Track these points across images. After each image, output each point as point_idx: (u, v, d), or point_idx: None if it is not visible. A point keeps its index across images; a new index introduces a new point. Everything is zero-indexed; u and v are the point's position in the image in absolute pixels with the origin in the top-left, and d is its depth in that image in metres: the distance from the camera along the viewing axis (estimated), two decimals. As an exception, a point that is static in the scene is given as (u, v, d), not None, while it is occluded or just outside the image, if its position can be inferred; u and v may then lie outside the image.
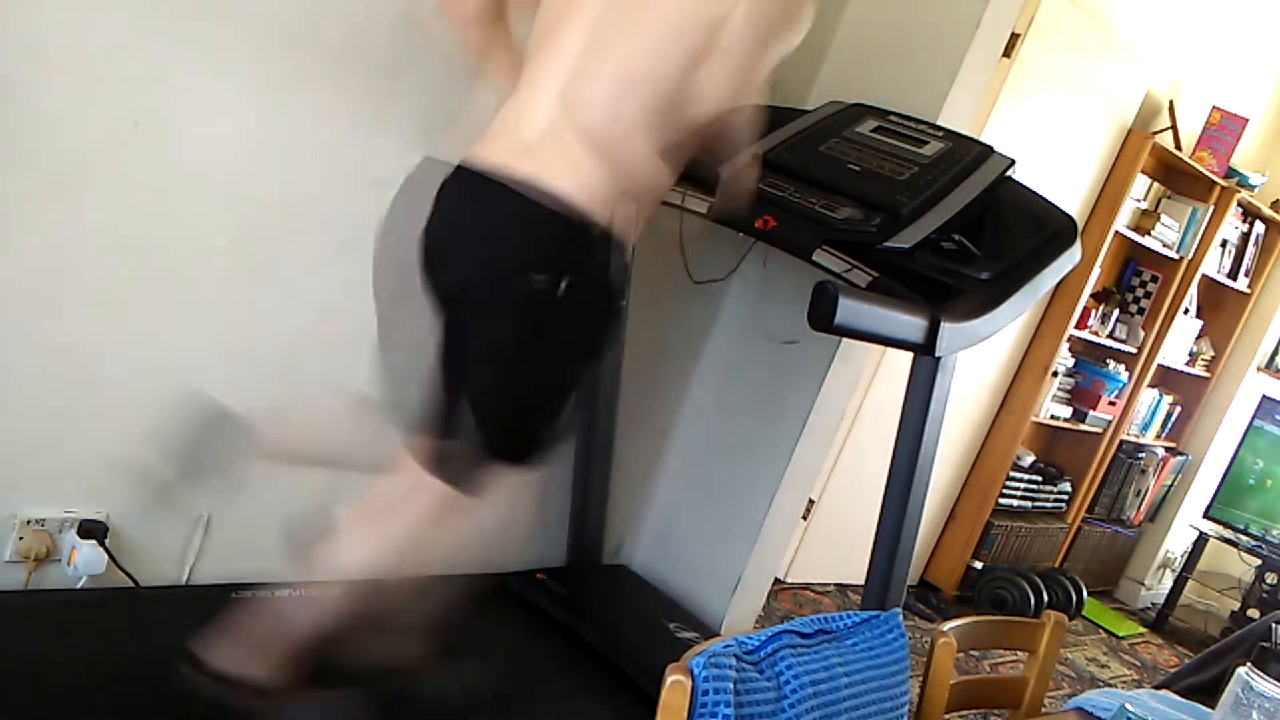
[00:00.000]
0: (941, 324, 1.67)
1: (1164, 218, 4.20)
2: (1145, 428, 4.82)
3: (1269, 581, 4.54)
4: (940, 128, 2.21)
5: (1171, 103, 4.05)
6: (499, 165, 1.53)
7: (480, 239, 1.56)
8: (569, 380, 1.68)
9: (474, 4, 1.66)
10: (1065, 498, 4.48)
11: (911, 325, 1.66)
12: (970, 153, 2.09)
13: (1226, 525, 4.72)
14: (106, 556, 1.86)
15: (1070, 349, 4.23)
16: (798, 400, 2.55)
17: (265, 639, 1.60)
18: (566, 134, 1.52)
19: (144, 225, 1.77)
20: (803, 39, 1.63)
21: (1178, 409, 4.97)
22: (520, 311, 1.54)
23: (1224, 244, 4.63)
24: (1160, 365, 4.57)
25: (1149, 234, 4.16)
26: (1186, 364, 4.81)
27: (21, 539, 1.81)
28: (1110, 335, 4.30)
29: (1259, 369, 5.00)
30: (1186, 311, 4.63)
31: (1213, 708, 1.25)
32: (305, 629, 1.61)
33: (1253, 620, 4.11)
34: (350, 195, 1.96)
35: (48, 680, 1.59)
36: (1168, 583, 4.98)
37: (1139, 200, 4.19)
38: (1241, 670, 1.17)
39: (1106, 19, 3.60)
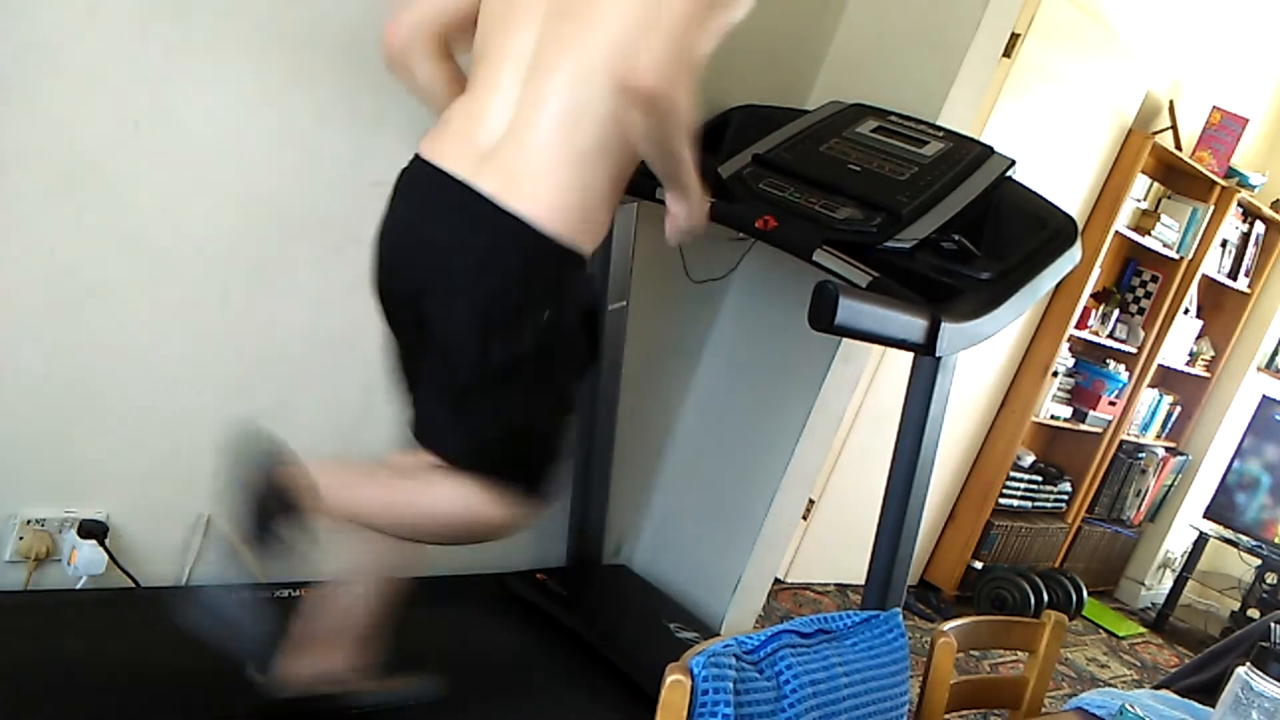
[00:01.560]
0: (942, 324, 1.66)
1: (1164, 218, 4.20)
2: (1145, 428, 4.82)
3: (1269, 581, 4.54)
4: (940, 128, 2.21)
5: (1171, 103, 4.05)
6: (462, 175, 1.48)
7: (437, 258, 1.51)
8: (559, 405, 1.65)
9: (405, 37, 1.63)
10: (1065, 498, 4.48)
11: (912, 325, 1.66)
12: (970, 153, 2.09)
13: (1226, 525, 4.72)
14: (106, 556, 1.86)
15: (1070, 349, 4.23)
16: (798, 400, 2.55)
17: (332, 634, 1.64)
18: (528, 141, 1.47)
19: (144, 225, 1.77)
20: (745, 15, 1.53)
21: (1178, 409, 4.97)
22: (501, 346, 1.50)
23: (1224, 244, 4.63)
24: (1160, 365, 4.57)
25: (1149, 234, 4.16)
26: (1186, 364, 4.81)
27: (21, 539, 1.81)
28: (1110, 335, 4.30)
29: (1259, 369, 5.00)
30: (1186, 311, 4.63)
31: (1213, 707, 1.25)
32: (366, 615, 1.64)
33: (1253, 620, 4.10)
34: (350, 195, 1.96)
35: (48, 680, 1.59)
36: (1168, 583, 4.98)
37: (1139, 200, 4.19)
38: (1241, 670, 1.17)
39: (1106, 19, 3.60)
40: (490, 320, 1.49)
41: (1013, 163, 2.07)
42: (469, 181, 1.48)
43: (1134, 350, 4.41)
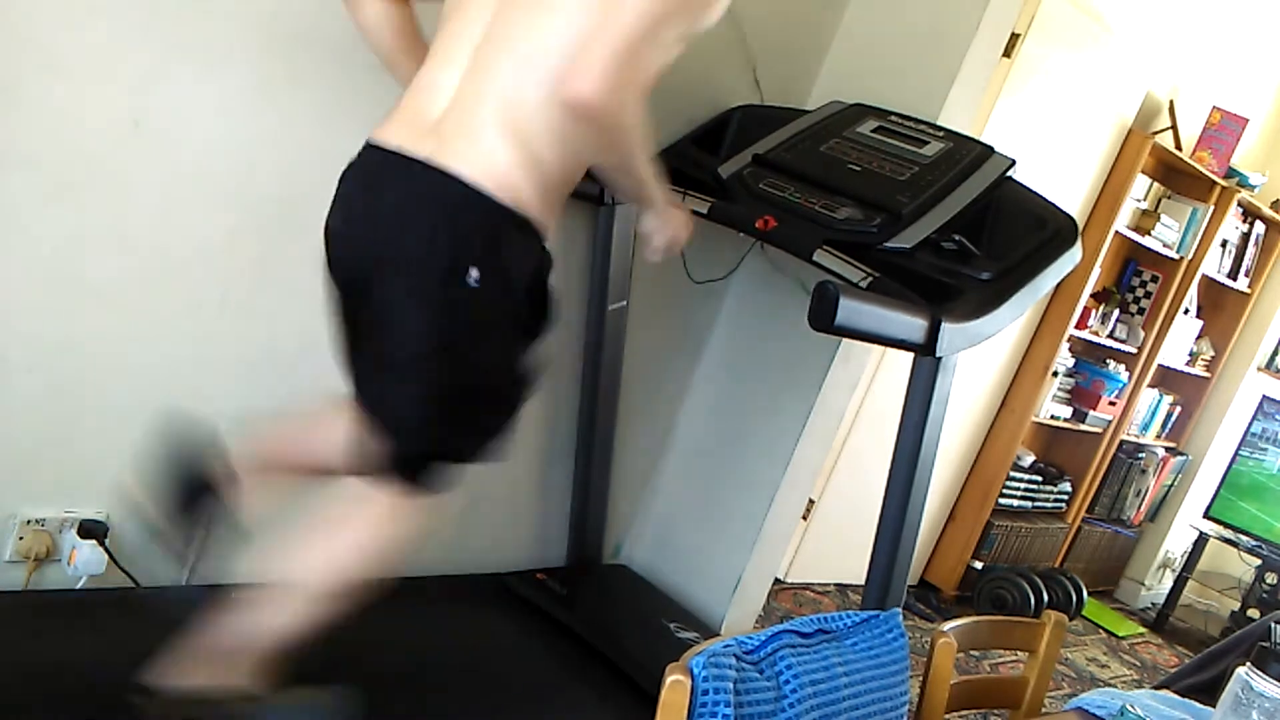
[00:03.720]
0: (942, 324, 1.67)
1: (1164, 218, 4.20)
2: (1145, 428, 4.82)
3: (1269, 581, 4.54)
4: (940, 128, 2.21)
5: (1171, 103, 4.05)
6: (398, 146, 1.45)
7: (375, 228, 1.47)
8: (500, 371, 1.57)
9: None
10: (1065, 498, 4.48)
11: (912, 325, 1.66)
12: (970, 153, 2.09)
13: (1226, 525, 4.72)
14: (106, 556, 1.86)
15: (1070, 349, 4.23)
16: (798, 400, 2.55)
17: (232, 649, 1.52)
18: (471, 109, 1.42)
19: (144, 225, 1.77)
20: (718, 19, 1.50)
21: (1178, 409, 4.97)
22: (425, 307, 1.45)
23: (1224, 244, 4.63)
24: (1160, 365, 4.57)
25: (1149, 234, 4.16)
26: (1186, 364, 4.81)
27: (21, 539, 1.81)
28: (1110, 335, 4.30)
29: (1259, 369, 5.00)
30: (1186, 311, 4.63)
31: (1213, 707, 1.25)
32: (270, 634, 1.52)
33: (1253, 620, 4.11)
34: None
35: (48, 680, 1.59)
36: (1168, 583, 4.98)
37: (1139, 200, 4.19)
38: (1241, 670, 1.17)
39: (1106, 19, 3.60)
40: (424, 276, 1.44)
41: (1013, 162, 2.07)
42: (407, 150, 1.44)
43: (1134, 350, 4.41)
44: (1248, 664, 1.17)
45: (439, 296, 1.44)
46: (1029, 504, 4.32)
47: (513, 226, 1.44)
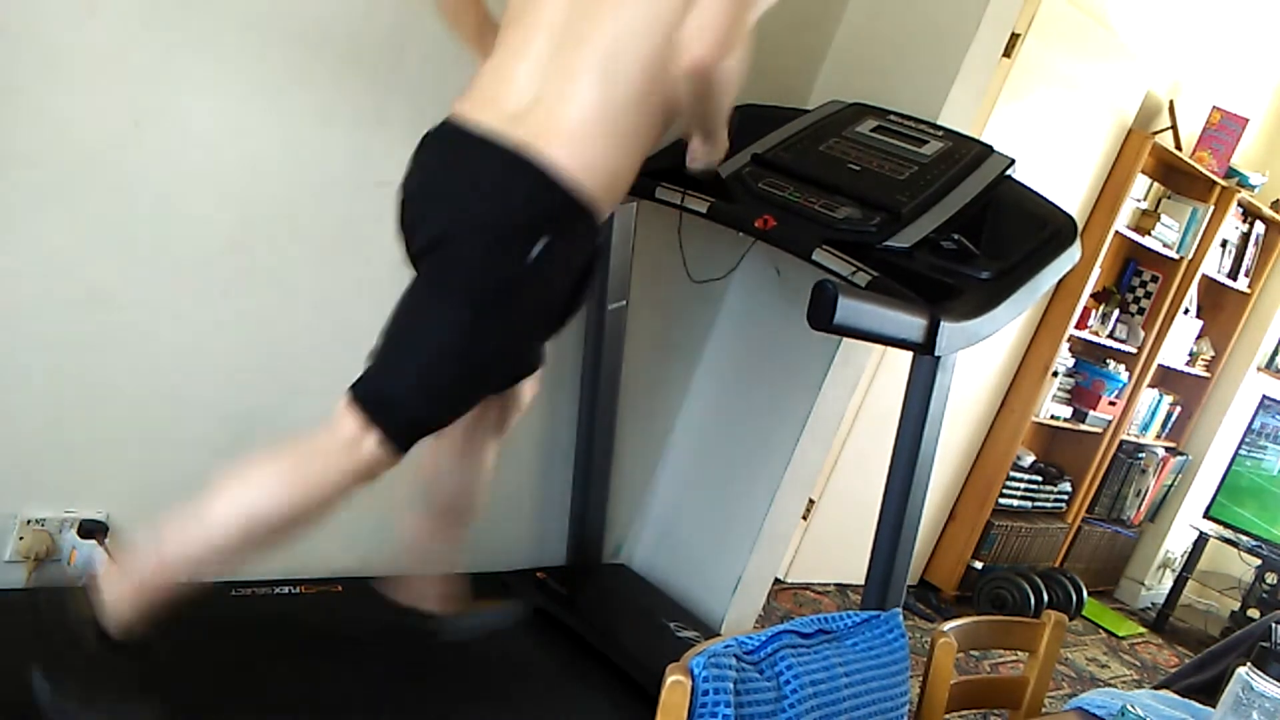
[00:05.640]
0: (941, 323, 1.67)
1: (1164, 218, 4.20)
2: (1145, 428, 4.82)
3: (1269, 581, 4.54)
4: (940, 127, 2.21)
5: (1171, 103, 4.05)
6: (488, 127, 1.50)
7: (456, 193, 1.52)
8: (515, 348, 1.66)
9: None
10: (1065, 498, 4.48)
11: (911, 325, 1.66)
12: (970, 152, 2.09)
13: (1226, 525, 4.72)
14: (106, 556, 1.85)
15: (1070, 349, 4.23)
16: (798, 400, 2.55)
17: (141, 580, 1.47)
18: (554, 107, 1.49)
19: (144, 224, 1.77)
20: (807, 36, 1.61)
21: (1178, 409, 4.97)
22: (479, 268, 1.49)
23: (1224, 244, 4.63)
24: (1160, 365, 4.57)
25: (1149, 234, 4.16)
26: (1186, 364, 4.82)
27: (21, 539, 1.81)
28: (1110, 335, 4.30)
29: (1259, 369, 5.00)
30: (1186, 311, 4.63)
31: (1213, 707, 1.25)
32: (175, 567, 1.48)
33: (1253, 620, 4.11)
34: (351, 194, 1.96)
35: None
36: (1168, 583, 4.98)
37: (1139, 200, 4.19)
38: (1241, 670, 1.17)
39: (1106, 19, 3.60)
40: (490, 242, 1.48)
41: (1012, 162, 2.07)
42: (496, 133, 1.49)
43: (1134, 350, 4.41)
44: (1248, 664, 1.17)
45: (496, 261, 1.49)
46: (1029, 504, 4.32)
47: (579, 217, 1.51)
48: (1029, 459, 4.29)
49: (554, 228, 1.49)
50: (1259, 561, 4.58)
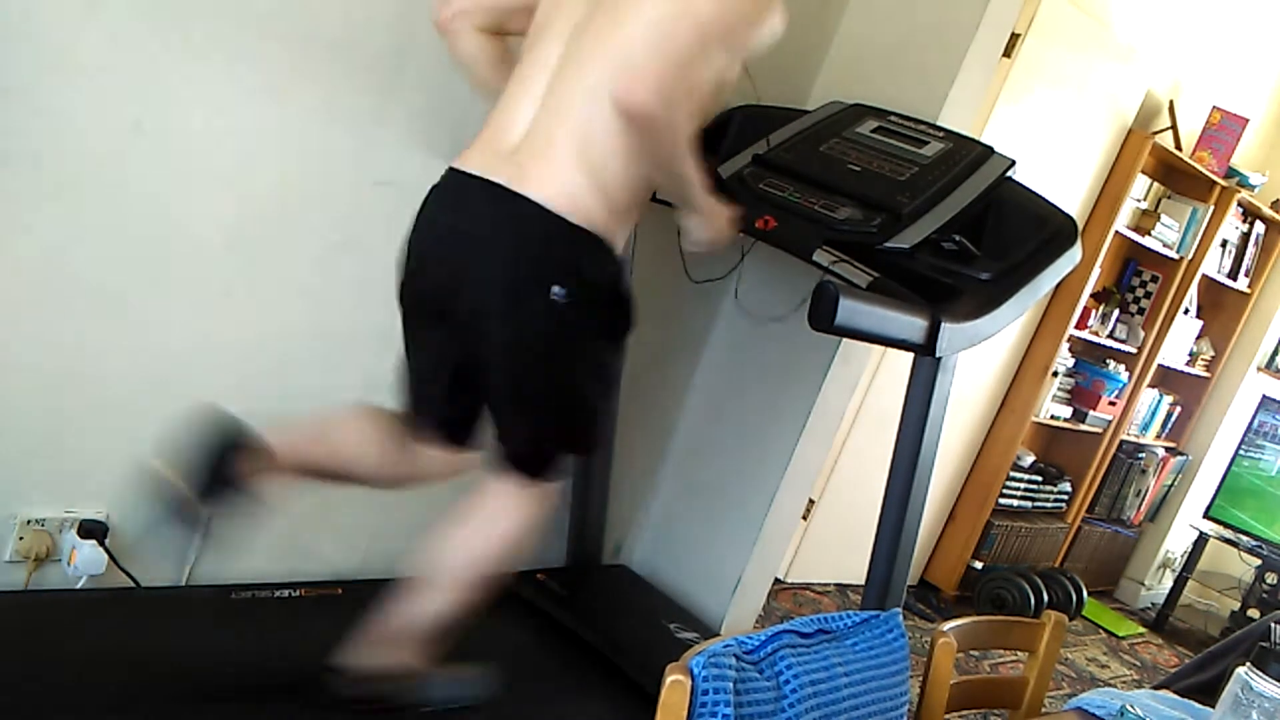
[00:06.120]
0: (942, 324, 1.67)
1: (1164, 218, 4.20)
2: (1145, 428, 4.82)
3: (1269, 581, 4.54)
4: (940, 128, 2.21)
5: (1171, 103, 4.05)
6: (479, 171, 1.58)
7: (461, 249, 1.59)
8: (593, 372, 1.73)
9: (447, 18, 1.72)
10: (1065, 498, 4.48)
11: (912, 325, 1.66)
12: (970, 153, 2.09)
13: (1226, 525, 4.72)
14: (106, 556, 1.86)
15: (1070, 349, 4.23)
16: (798, 400, 2.55)
17: (400, 632, 1.70)
18: (546, 139, 1.56)
19: (144, 224, 1.77)
20: (780, 39, 1.63)
21: (1178, 409, 4.97)
22: (516, 324, 1.58)
23: (1224, 244, 4.63)
24: (1160, 365, 4.57)
25: (1149, 234, 4.16)
26: (1186, 364, 4.81)
27: (21, 539, 1.81)
28: (1110, 335, 4.30)
29: (1259, 369, 5.00)
30: (1186, 311, 4.63)
31: (1213, 708, 1.25)
32: (426, 619, 1.70)
33: (1253, 620, 4.10)
34: (351, 193, 1.96)
35: (48, 680, 1.59)
36: (1168, 583, 4.98)
37: (1139, 200, 4.19)
38: (1241, 670, 1.17)
39: (1106, 19, 3.60)
40: (508, 298, 1.56)
41: (1013, 163, 2.07)
42: (485, 175, 1.56)
43: (1134, 350, 4.41)
44: (1248, 664, 1.17)
45: (529, 312, 1.56)
46: (1029, 504, 4.32)
47: (586, 244, 1.56)
48: (1029, 459, 4.29)
49: (562, 267, 1.56)
50: (1259, 561, 4.58)
